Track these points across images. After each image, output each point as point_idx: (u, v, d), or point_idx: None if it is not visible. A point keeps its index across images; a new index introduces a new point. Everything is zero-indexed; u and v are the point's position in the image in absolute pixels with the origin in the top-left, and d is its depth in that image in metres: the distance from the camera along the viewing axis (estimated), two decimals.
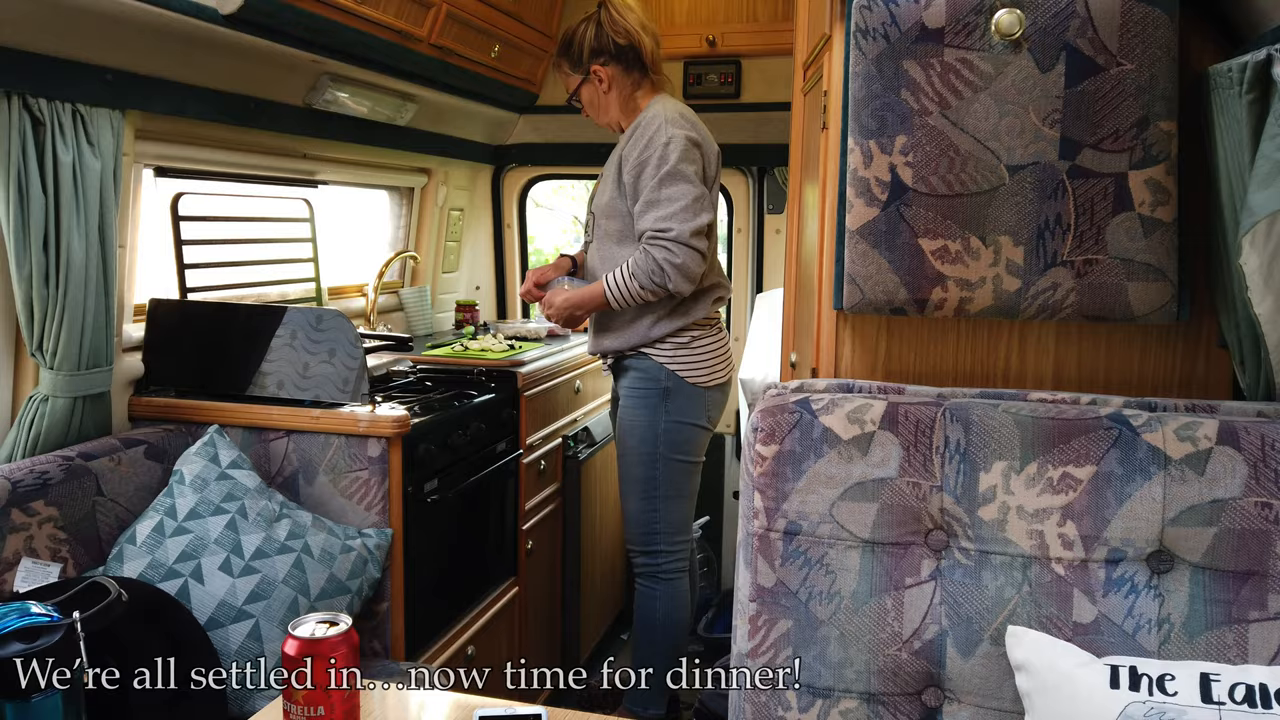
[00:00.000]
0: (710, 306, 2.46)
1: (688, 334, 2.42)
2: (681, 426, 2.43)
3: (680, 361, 2.41)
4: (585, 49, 2.42)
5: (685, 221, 2.25)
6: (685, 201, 2.26)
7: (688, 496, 2.52)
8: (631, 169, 2.34)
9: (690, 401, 2.43)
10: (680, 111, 2.41)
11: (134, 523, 1.71)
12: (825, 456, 1.35)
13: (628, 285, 2.31)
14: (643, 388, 2.43)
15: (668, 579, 2.51)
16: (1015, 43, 1.34)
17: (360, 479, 1.94)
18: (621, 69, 2.43)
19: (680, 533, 2.51)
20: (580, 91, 2.48)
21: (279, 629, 1.65)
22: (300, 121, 2.39)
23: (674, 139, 2.30)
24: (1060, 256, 1.39)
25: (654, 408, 2.42)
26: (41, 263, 1.68)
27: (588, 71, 2.43)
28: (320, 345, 1.98)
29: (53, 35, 1.63)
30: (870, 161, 1.42)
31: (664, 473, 2.44)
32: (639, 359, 2.43)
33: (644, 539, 2.49)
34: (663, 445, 2.43)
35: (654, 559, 2.49)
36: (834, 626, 1.34)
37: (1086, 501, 1.26)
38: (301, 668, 0.99)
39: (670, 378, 2.41)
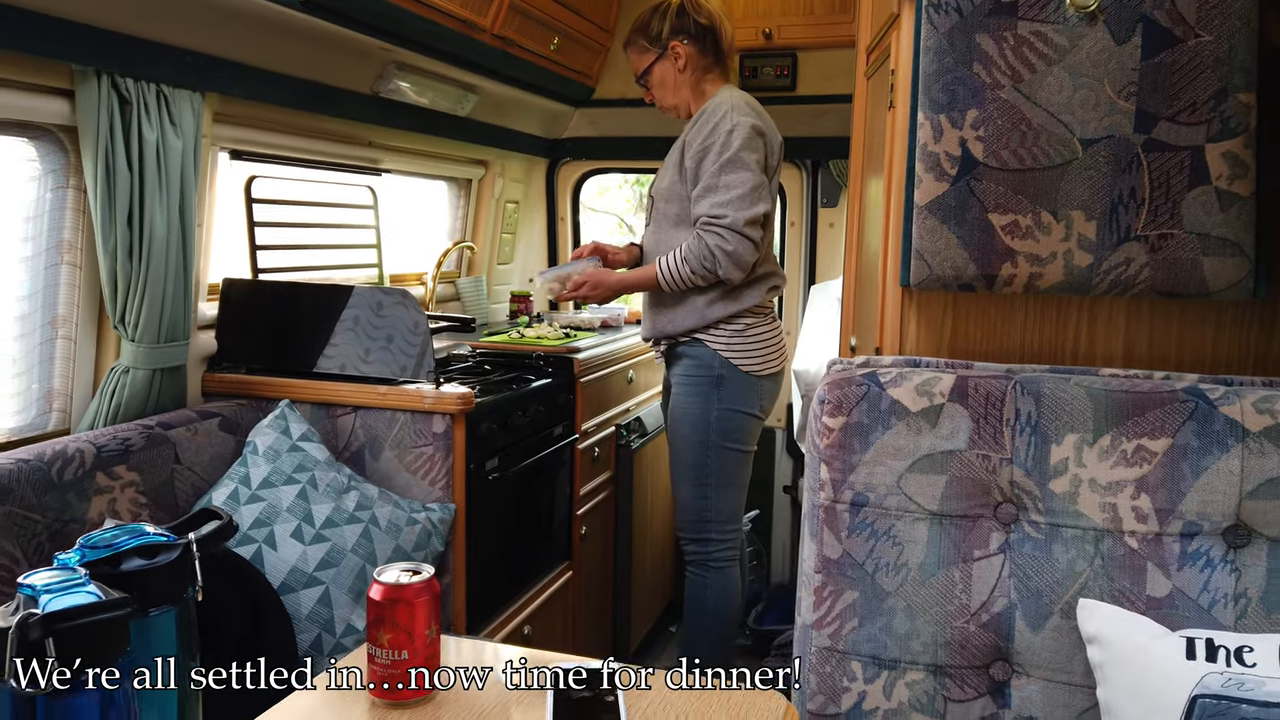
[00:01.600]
0: (764, 295, 2.45)
1: (741, 321, 2.41)
2: (734, 414, 2.43)
3: (734, 349, 2.41)
4: (667, 25, 2.44)
5: (741, 209, 2.26)
6: (743, 190, 2.27)
7: (739, 485, 2.51)
8: (694, 154, 2.35)
9: (743, 389, 2.43)
10: (747, 100, 2.42)
11: (210, 489, 1.77)
12: (893, 429, 1.36)
13: (679, 269, 2.33)
14: (696, 375, 2.44)
15: (718, 567, 2.51)
16: (1091, 15, 1.34)
17: (425, 454, 1.97)
18: (698, 50, 2.46)
19: (731, 521, 2.51)
20: (653, 69, 2.48)
21: (348, 595, 1.69)
22: (367, 109, 2.45)
23: (738, 126, 2.31)
24: (1134, 231, 1.37)
25: (707, 395, 2.42)
26: (126, 238, 1.74)
27: (665, 48, 2.44)
28: (387, 324, 2.03)
29: (140, 16, 1.69)
30: (940, 136, 1.42)
31: (715, 460, 2.43)
32: (693, 345, 2.44)
33: (695, 527, 2.49)
34: (714, 433, 2.42)
35: (705, 547, 2.49)
36: (901, 598, 1.34)
37: (1161, 474, 1.25)
38: (387, 611, 1.02)
39: (724, 365, 2.41)
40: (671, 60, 2.46)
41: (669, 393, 2.55)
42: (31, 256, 1.76)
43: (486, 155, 3.29)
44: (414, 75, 2.49)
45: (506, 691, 1.10)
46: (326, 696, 1.08)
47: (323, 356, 2.08)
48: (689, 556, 2.53)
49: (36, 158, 1.73)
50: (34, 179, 1.74)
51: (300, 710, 1.05)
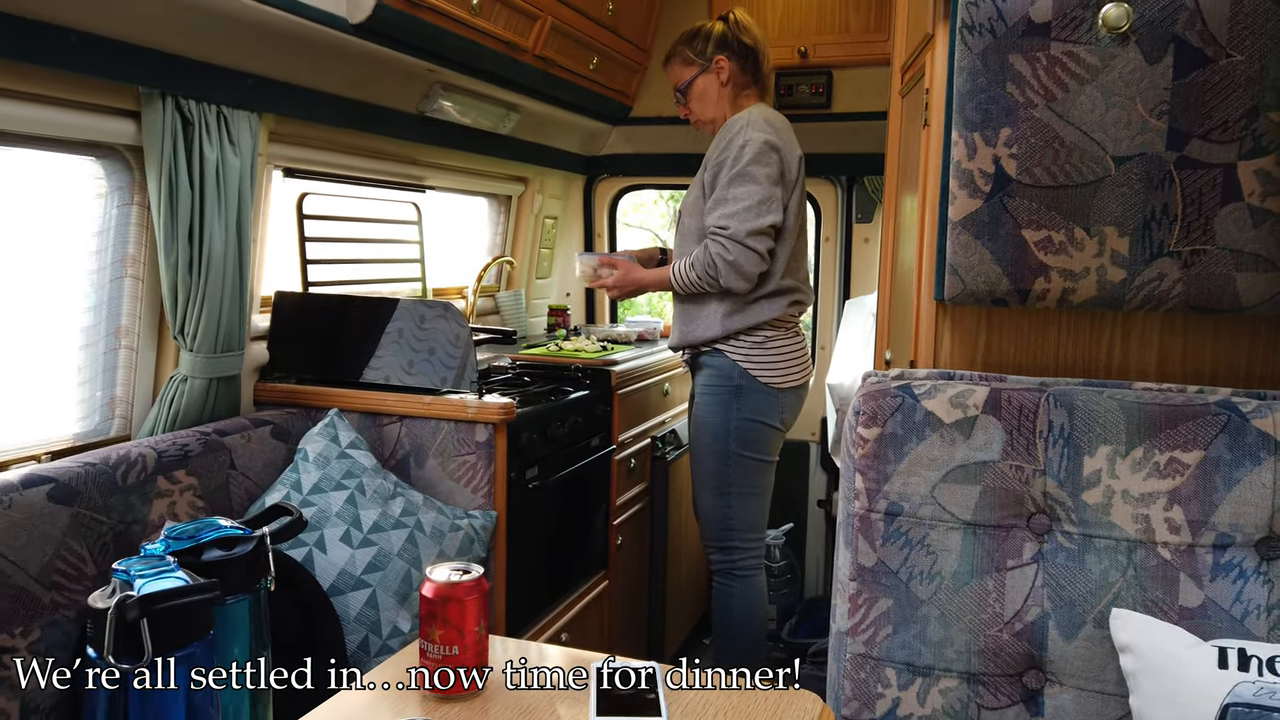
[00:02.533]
0: (784, 309, 2.49)
1: (761, 334, 2.46)
2: (753, 424, 2.47)
3: (753, 360, 2.46)
4: (713, 40, 2.53)
5: (745, 221, 2.33)
6: (749, 202, 2.34)
7: (761, 494, 2.55)
8: (712, 170, 2.43)
9: (762, 400, 2.47)
10: (765, 117, 2.48)
11: (263, 494, 1.83)
12: (927, 439, 1.39)
13: (686, 274, 2.43)
14: (716, 384, 2.49)
15: (743, 575, 2.54)
16: (1123, 36, 1.37)
17: (468, 463, 2.03)
18: (739, 68, 2.54)
19: (754, 530, 2.54)
20: (695, 82, 2.55)
21: (394, 598, 1.75)
22: (412, 128, 2.53)
23: (750, 141, 2.38)
24: (1167, 247, 1.40)
25: (726, 404, 2.47)
26: (187, 252, 1.82)
27: (710, 61, 2.53)
28: (431, 336, 2.09)
29: (202, 41, 1.77)
30: (974, 154, 1.45)
31: (735, 470, 2.48)
32: (713, 355, 2.49)
33: (719, 535, 2.52)
34: (734, 442, 2.47)
35: (729, 555, 2.52)
36: (934, 606, 1.36)
37: (1194, 486, 1.27)
38: (439, 608, 1.07)
39: (743, 376, 2.46)
40: (715, 74, 2.53)
41: (693, 402, 2.61)
42: (97, 270, 1.84)
43: (526, 172, 3.36)
44: (457, 95, 2.56)
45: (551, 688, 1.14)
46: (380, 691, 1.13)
47: (369, 367, 2.15)
48: (714, 565, 2.56)
49: (104, 176, 1.82)
50: (101, 196, 1.82)
51: (356, 703, 1.11)
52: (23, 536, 1.42)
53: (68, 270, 1.81)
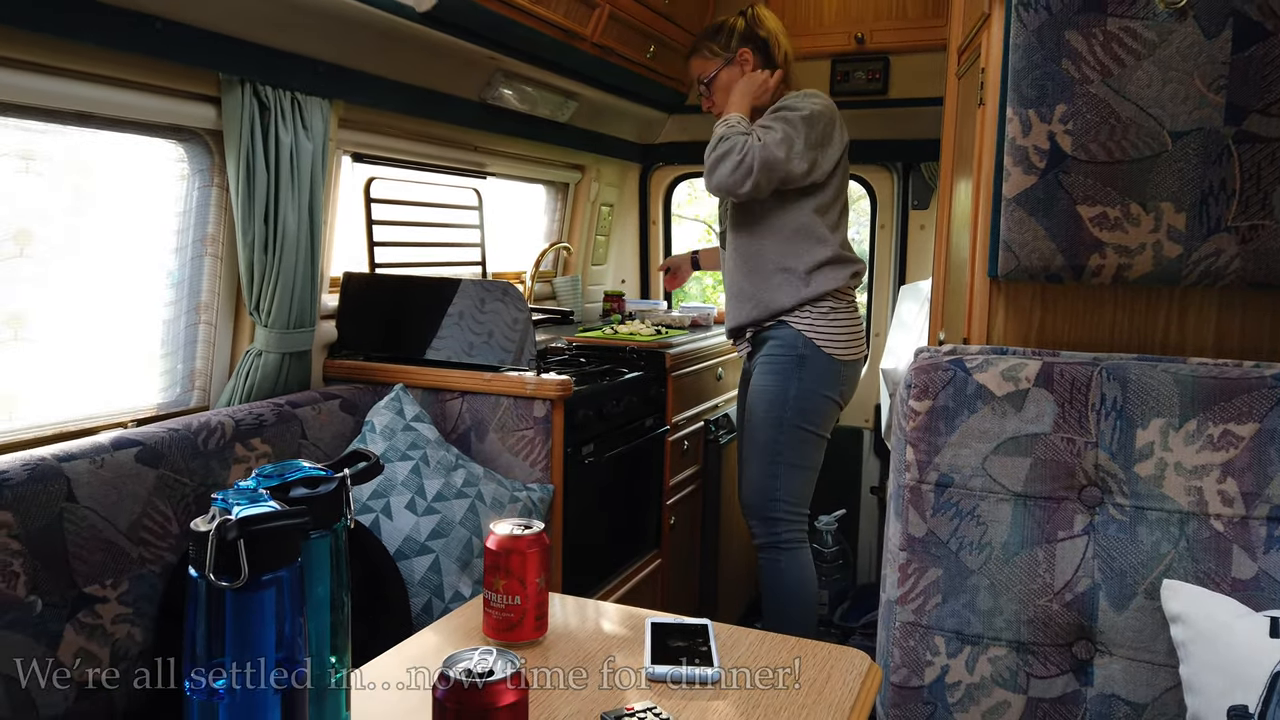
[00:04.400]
0: (846, 279, 2.53)
1: (825, 304, 2.49)
2: (813, 395, 2.48)
3: (818, 329, 2.48)
4: (736, 35, 2.61)
5: (774, 149, 2.37)
6: (790, 141, 2.39)
7: (810, 468, 2.53)
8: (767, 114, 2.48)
9: (824, 371, 2.49)
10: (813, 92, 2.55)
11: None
12: (979, 412, 1.41)
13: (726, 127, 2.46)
14: (779, 354, 2.50)
15: (789, 548, 2.51)
16: (1180, 10, 1.37)
17: (526, 437, 2.09)
18: (761, 61, 2.61)
19: (799, 503, 2.52)
20: (719, 76, 2.62)
21: (456, 564, 1.81)
22: (474, 115, 2.60)
23: (805, 102, 2.47)
24: (1224, 222, 1.39)
25: (788, 374, 2.48)
26: (262, 233, 1.91)
27: (734, 54, 2.60)
28: (492, 315, 2.16)
29: (279, 30, 1.85)
30: (1029, 130, 1.46)
31: (788, 439, 2.47)
32: (778, 328, 2.51)
33: (762, 505, 2.50)
34: (791, 411, 2.47)
35: (773, 528, 2.50)
36: (984, 576, 1.38)
37: (1248, 459, 1.27)
38: (502, 560, 1.13)
39: (807, 345, 2.48)
40: (739, 66, 2.60)
41: (746, 383, 2.62)
42: (179, 249, 1.94)
43: (583, 160, 3.42)
44: (517, 82, 2.62)
45: (608, 638, 1.19)
46: (445, 638, 1.19)
47: (432, 345, 2.22)
48: (757, 540, 2.54)
49: (185, 159, 1.91)
50: (183, 178, 1.92)
51: (425, 645, 1.17)
52: (113, 495, 1.52)
53: (153, 248, 1.91)
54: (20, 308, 1.66)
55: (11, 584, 1.34)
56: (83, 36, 1.55)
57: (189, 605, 0.74)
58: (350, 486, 0.87)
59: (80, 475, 1.47)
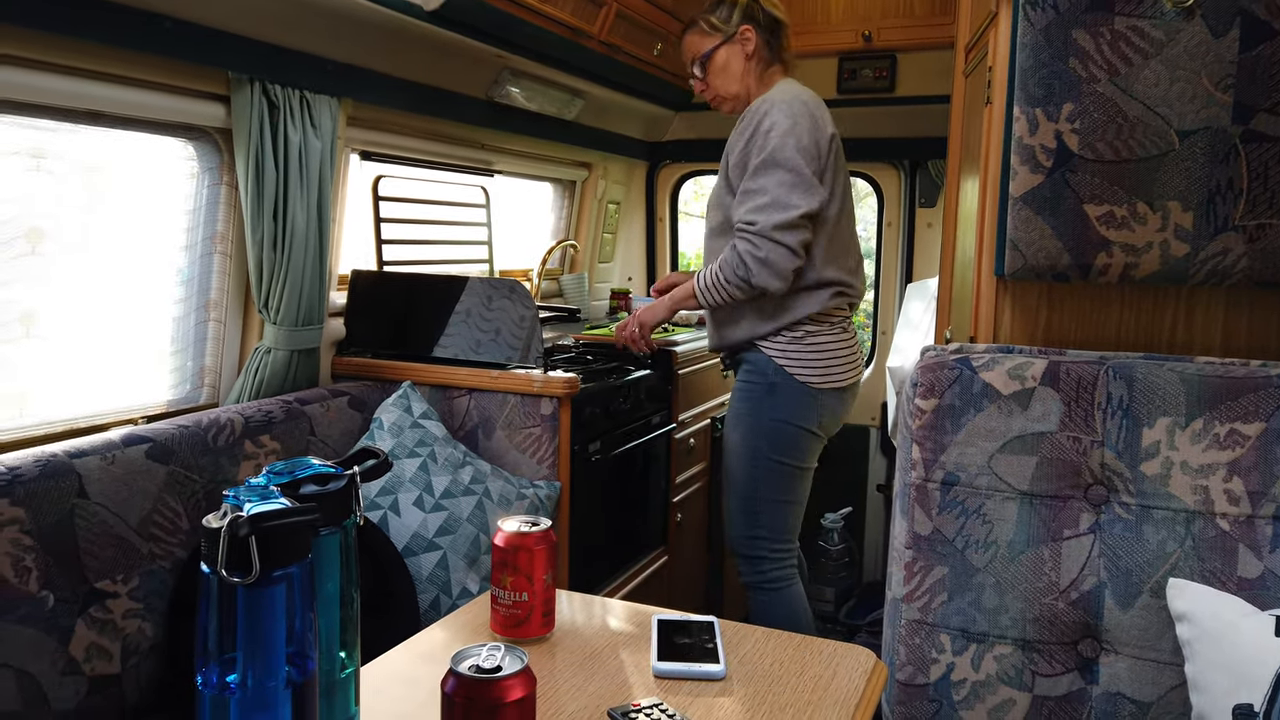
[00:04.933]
0: (828, 302, 2.23)
1: (801, 328, 2.22)
2: (784, 427, 2.23)
3: (790, 356, 2.22)
4: (739, 8, 2.29)
5: (772, 214, 2.08)
6: (777, 192, 2.08)
7: (793, 502, 2.31)
8: (737, 161, 2.19)
9: (796, 401, 2.23)
10: (793, 94, 2.21)
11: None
12: (985, 410, 1.41)
13: (714, 282, 2.17)
14: (750, 381, 2.28)
15: (775, 588, 2.31)
16: (1188, 9, 1.37)
17: (533, 435, 2.10)
18: (765, 41, 2.31)
19: (783, 539, 2.31)
20: (716, 53, 2.29)
21: (464, 560, 1.82)
22: (481, 114, 2.61)
23: (775, 125, 2.12)
24: (1231, 221, 1.39)
25: (758, 403, 2.25)
26: (271, 230, 1.92)
27: (736, 30, 2.28)
28: (499, 313, 2.17)
29: (288, 29, 1.86)
30: (1036, 129, 1.46)
31: (764, 475, 2.25)
32: (751, 351, 2.28)
33: (744, 544, 2.31)
34: (764, 444, 2.24)
35: (758, 567, 2.31)
36: (990, 574, 1.39)
37: (1254, 458, 1.27)
38: (510, 557, 1.14)
39: (778, 372, 2.22)
40: (740, 45, 2.29)
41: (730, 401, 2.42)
42: (188, 247, 1.95)
43: (590, 158, 3.43)
44: (525, 80, 2.63)
45: (614, 635, 1.20)
46: (453, 634, 1.20)
47: (440, 342, 2.23)
48: (744, 579, 2.35)
49: (195, 157, 1.92)
50: (192, 177, 1.93)
51: (433, 641, 1.18)
52: (124, 491, 1.53)
53: (163, 246, 1.92)
54: (32, 305, 1.67)
55: (24, 579, 1.36)
56: (93, 36, 1.56)
57: (201, 600, 0.75)
58: (359, 484, 0.87)
59: (91, 472, 1.49)
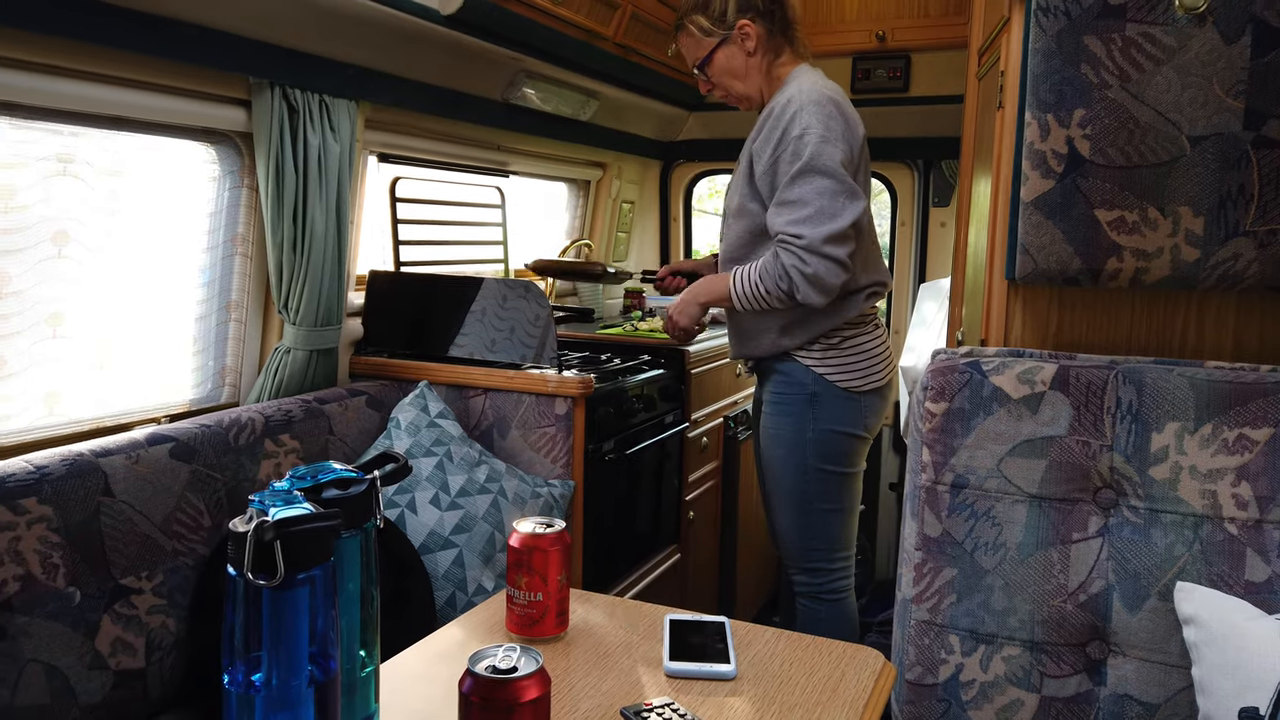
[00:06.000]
0: (862, 304, 2.15)
1: (838, 334, 2.13)
2: (832, 435, 2.15)
3: (829, 364, 2.13)
4: (731, 2, 2.09)
5: (819, 225, 1.94)
6: (821, 203, 1.95)
7: (846, 509, 2.22)
8: (764, 168, 2.04)
9: (842, 408, 2.14)
10: (819, 90, 2.04)
11: (359, 459, 1.96)
12: (994, 414, 1.42)
13: (754, 286, 2.03)
14: (788, 394, 2.16)
15: (832, 600, 2.23)
16: (1199, 16, 1.37)
17: (548, 434, 2.13)
18: (767, 29, 2.12)
19: (841, 549, 2.23)
20: (715, 56, 2.12)
21: (479, 558, 1.85)
22: (496, 115, 2.63)
23: (809, 129, 1.97)
24: (1242, 226, 1.40)
25: (800, 415, 2.14)
26: (291, 232, 1.95)
27: (732, 28, 2.09)
28: (514, 313, 2.19)
29: (307, 34, 1.89)
30: (1047, 134, 1.47)
31: (815, 485, 2.17)
32: (784, 361, 2.16)
33: (801, 556, 2.22)
34: (811, 455, 2.15)
35: (814, 578, 2.22)
36: (999, 576, 1.40)
37: (1263, 463, 1.28)
38: (525, 557, 1.16)
39: (818, 381, 2.12)
40: (739, 43, 2.11)
41: (758, 412, 2.29)
42: (210, 249, 1.98)
43: (604, 158, 3.45)
44: (540, 82, 2.65)
45: (627, 634, 1.22)
46: (469, 633, 1.22)
47: (456, 342, 2.26)
48: (798, 588, 2.26)
49: (216, 160, 1.96)
50: (214, 180, 1.96)
51: (450, 639, 1.20)
52: (148, 489, 1.57)
53: (185, 248, 1.96)
54: (59, 307, 1.70)
55: (51, 575, 1.39)
56: (116, 43, 1.59)
57: (227, 602, 0.78)
58: (379, 488, 0.90)
59: (117, 470, 1.52)
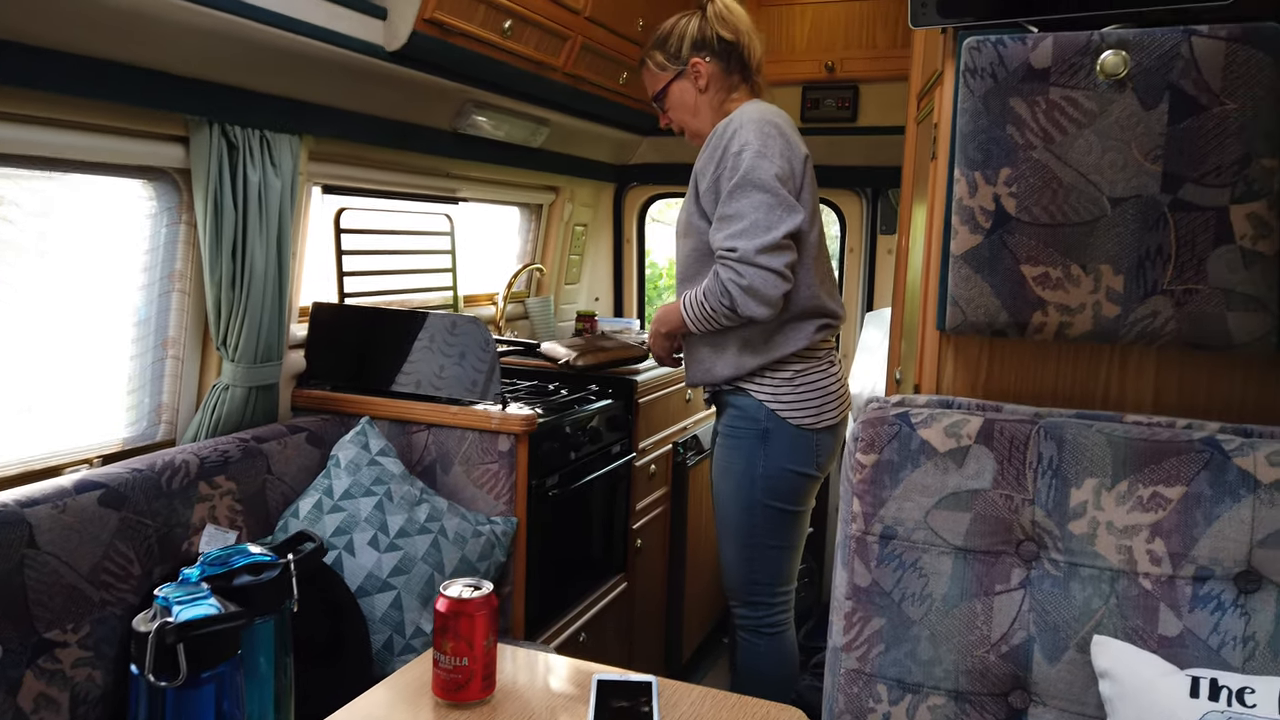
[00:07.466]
0: (812, 335, 2.17)
1: (789, 368, 2.15)
2: (783, 473, 2.17)
3: (782, 400, 2.15)
4: (686, 40, 2.20)
5: (754, 238, 1.98)
6: (756, 216, 1.99)
7: (791, 546, 2.26)
8: (708, 186, 2.10)
9: (794, 445, 2.16)
10: (760, 113, 2.12)
11: (297, 499, 1.94)
12: (922, 467, 1.45)
13: (699, 307, 2.08)
14: (740, 427, 2.19)
15: (771, 633, 2.27)
16: (1120, 82, 1.41)
17: (491, 471, 2.13)
18: (722, 68, 2.21)
19: (783, 584, 2.27)
20: (670, 89, 2.24)
21: (418, 600, 1.85)
22: (446, 144, 2.62)
23: (746, 146, 2.03)
24: (1160, 285, 1.44)
25: (752, 450, 2.17)
26: (230, 269, 1.93)
27: (685, 64, 2.21)
28: (458, 348, 2.19)
29: (246, 71, 1.87)
30: (975, 191, 1.51)
31: (762, 521, 2.19)
32: (737, 395, 2.19)
33: (743, 590, 2.26)
34: (760, 491, 2.17)
35: (755, 611, 2.26)
36: (925, 627, 1.43)
37: (1176, 520, 1.32)
38: (450, 622, 1.16)
39: (770, 417, 2.15)
40: (691, 79, 2.22)
41: (715, 441, 2.32)
42: (147, 285, 1.96)
43: (557, 182, 3.45)
44: (490, 111, 2.65)
45: (554, 697, 1.23)
46: (397, 695, 1.22)
47: (400, 376, 2.25)
48: (738, 620, 2.30)
49: (154, 197, 1.93)
50: (150, 216, 1.94)
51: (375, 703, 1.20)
52: (75, 539, 1.54)
53: (121, 285, 1.93)
54: None
55: None
56: (48, 86, 1.57)
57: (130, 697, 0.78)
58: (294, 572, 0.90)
59: (42, 521, 1.49)
